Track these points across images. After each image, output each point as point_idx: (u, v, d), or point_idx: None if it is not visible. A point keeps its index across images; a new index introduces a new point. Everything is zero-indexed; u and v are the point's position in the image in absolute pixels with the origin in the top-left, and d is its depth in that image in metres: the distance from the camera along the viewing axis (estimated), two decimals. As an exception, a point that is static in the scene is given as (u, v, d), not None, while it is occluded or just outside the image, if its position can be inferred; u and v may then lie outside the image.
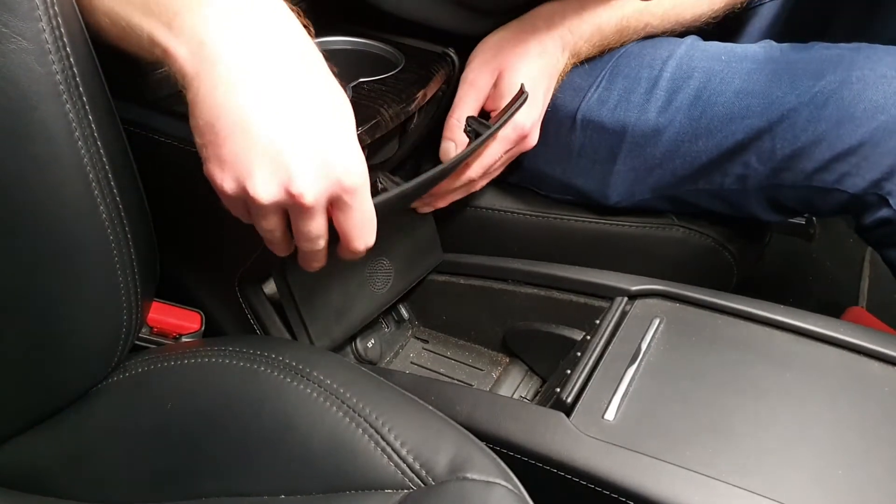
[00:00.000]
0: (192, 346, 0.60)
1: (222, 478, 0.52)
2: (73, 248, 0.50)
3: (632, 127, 0.77)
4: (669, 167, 0.77)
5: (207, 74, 0.46)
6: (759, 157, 0.72)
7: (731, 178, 0.75)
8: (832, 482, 0.54)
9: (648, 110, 0.76)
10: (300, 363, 0.55)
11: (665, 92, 0.76)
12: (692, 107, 0.75)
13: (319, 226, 0.51)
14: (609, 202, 0.81)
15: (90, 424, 0.57)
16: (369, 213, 0.52)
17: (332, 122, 0.49)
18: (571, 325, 0.77)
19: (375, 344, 0.80)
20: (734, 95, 0.73)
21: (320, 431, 0.51)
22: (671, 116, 0.75)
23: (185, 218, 0.67)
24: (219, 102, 0.46)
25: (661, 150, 0.77)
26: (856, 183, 0.69)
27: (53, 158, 0.46)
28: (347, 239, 0.52)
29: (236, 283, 0.69)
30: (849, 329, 0.65)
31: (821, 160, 0.69)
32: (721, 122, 0.73)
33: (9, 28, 0.42)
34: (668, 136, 0.76)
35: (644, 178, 0.79)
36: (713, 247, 0.83)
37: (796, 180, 0.72)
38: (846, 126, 0.68)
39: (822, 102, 0.69)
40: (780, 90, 0.71)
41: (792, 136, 0.70)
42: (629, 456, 0.56)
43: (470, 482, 0.48)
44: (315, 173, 0.47)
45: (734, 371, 0.63)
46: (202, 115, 0.47)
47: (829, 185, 0.70)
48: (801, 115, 0.70)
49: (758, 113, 0.71)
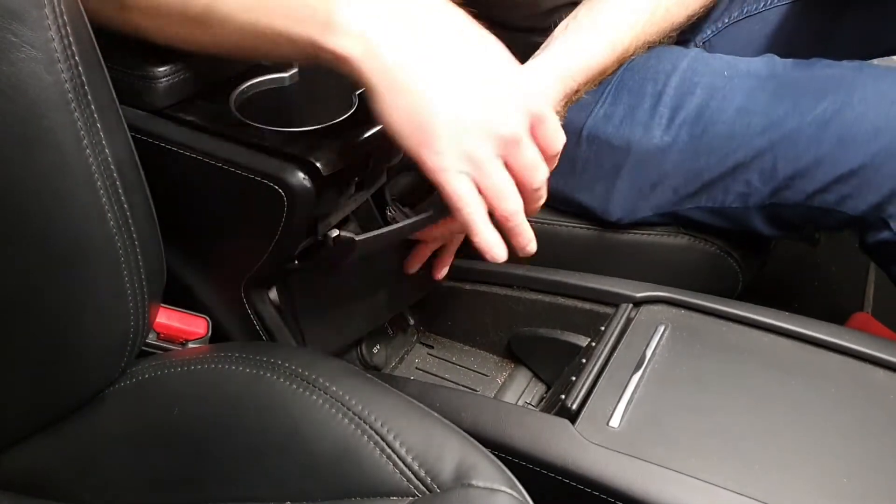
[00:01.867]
0: (198, 352, 0.61)
1: (228, 484, 0.52)
2: (81, 255, 0.50)
3: (636, 143, 0.76)
4: (671, 184, 0.77)
5: (384, 70, 0.50)
6: (761, 175, 0.72)
7: (733, 195, 0.75)
8: (837, 490, 0.54)
9: (653, 127, 0.76)
10: (306, 370, 0.55)
11: (669, 109, 0.76)
12: (694, 124, 0.75)
13: (536, 153, 0.56)
14: (611, 219, 0.81)
15: (97, 430, 0.57)
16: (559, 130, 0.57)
17: (502, 67, 0.54)
18: (576, 332, 0.77)
19: (381, 350, 0.80)
20: (736, 113, 0.73)
21: (326, 438, 0.52)
22: (674, 134, 0.75)
23: (191, 224, 0.67)
24: (411, 90, 0.51)
25: (663, 167, 0.77)
26: (857, 205, 0.69)
27: (62, 166, 0.47)
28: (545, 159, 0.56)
29: (242, 290, 0.69)
30: (854, 336, 0.65)
31: (822, 181, 0.69)
32: (723, 140, 0.73)
33: (18, 37, 0.43)
34: (672, 153, 0.76)
35: (646, 194, 0.79)
36: (718, 254, 0.83)
37: (797, 199, 0.72)
38: (847, 148, 0.68)
39: (823, 123, 0.69)
40: (782, 109, 0.71)
41: (793, 156, 0.70)
42: (634, 463, 0.56)
43: (475, 489, 0.48)
44: (514, 112, 0.53)
45: (739, 378, 0.63)
46: (399, 112, 0.51)
47: (830, 205, 0.70)
48: (802, 135, 0.69)
49: (759, 132, 0.71)
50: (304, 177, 0.58)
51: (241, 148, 0.60)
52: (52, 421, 0.56)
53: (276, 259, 0.65)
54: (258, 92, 0.67)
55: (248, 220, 0.64)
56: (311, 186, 0.58)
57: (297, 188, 0.58)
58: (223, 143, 0.61)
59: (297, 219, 0.60)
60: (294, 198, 0.58)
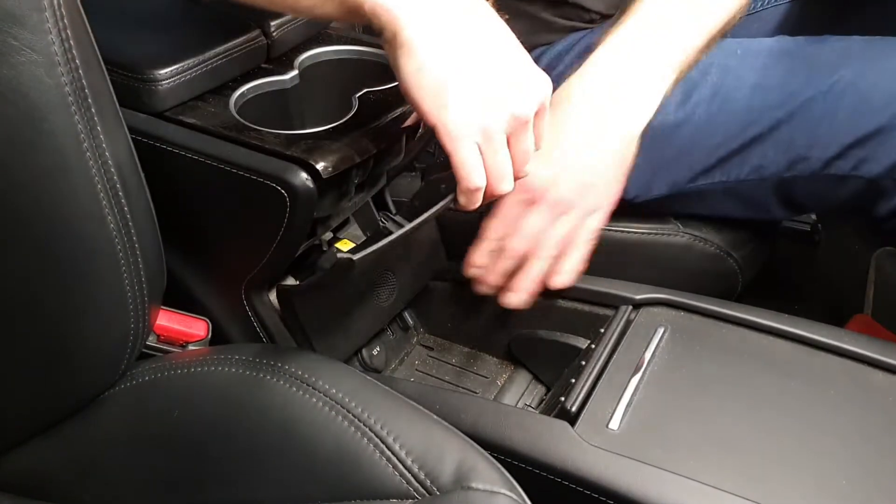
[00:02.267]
0: (198, 354, 0.61)
1: (228, 486, 0.52)
2: (81, 257, 0.50)
3: (651, 122, 0.75)
4: (687, 161, 0.77)
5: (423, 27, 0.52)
6: (776, 147, 0.73)
7: (748, 168, 0.75)
8: (836, 492, 0.54)
9: (667, 105, 0.74)
10: (305, 372, 0.55)
11: (682, 88, 0.75)
12: (710, 102, 0.75)
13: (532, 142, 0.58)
14: (627, 196, 0.79)
15: (97, 432, 0.57)
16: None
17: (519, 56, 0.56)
18: (576, 334, 0.77)
19: (381, 352, 0.80)
20: (751, 90, 0.73)
21: (325, 440, 0.52)
22: (690, 111, 0.76)
23: (192, 226, 0.67)
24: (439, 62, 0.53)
25: (679, 144, 0.77)
26: (872, 168, 0.69)
27: (62, 169, 0.47)
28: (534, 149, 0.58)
29: (243, 292, 0.69)
30: (853, 338, 0.65)
31: (838, 147, 0.70)
32: (739, 115, 0.74)
33: (19, 41, 0.43)
34: (687, 131, 0.76)
35: (662, 171, 0.79)
36: (718, 254, 0.83)
37: (813, 169, 0.72)
38: (863, 114, 0.68)
39: (839, 93, 0.69)
40: (797, 82, 0.72)
41: (809, 126, 0.70)
42: (633, 465, 0.56)
43: (474, 492, 0.48)
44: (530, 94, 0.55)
45: (738, 380, 0.63)
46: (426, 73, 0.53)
47: (846, 171, 0.70)
48: (818, 106, 0.70)
49: (776, 105, 0.72)
50: (307, 177, 0.58)
51: (242, 149, 0.60)
52: (53, 423, 0.57)
53: (277, 261, 0.65)
54: (258, 95, 0.67)
55: (250, 221, 0.64)
56: (314, 186, 0.59)
57: (300, 188, 0.58)
58: (224, 144, 0.61)
59: (299, 219, 0.60)
60: (296, 198, 0.59)
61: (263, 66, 0.70)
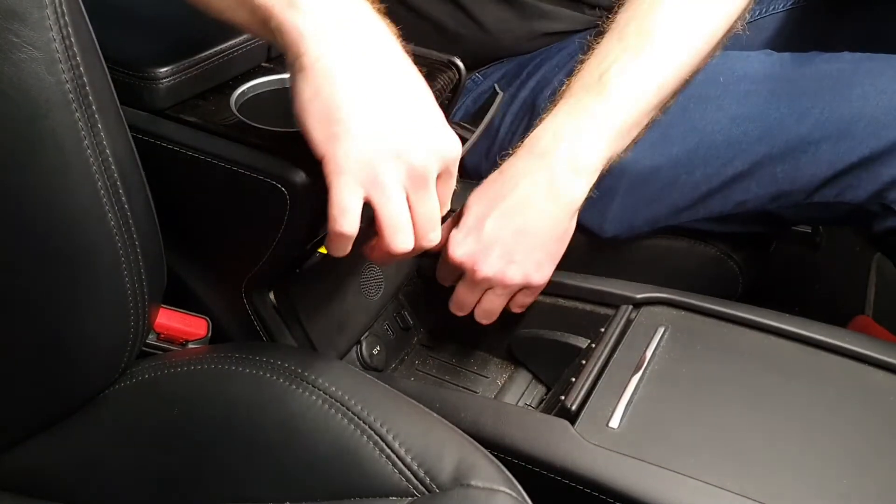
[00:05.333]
0: (198, 352, 0.61)
1: (228, 484, 0.52)
2: (82, 255, 0.50)
3: (630, 165, 0.74)
4: (668, 200, 0.76)
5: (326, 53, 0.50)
6: (759, 183, 0.72)
7: (732, 204, 0.74)
8: (837, 491, 0.54)
9: (644, 147, 0.73)
10: (305, 370, 0.55)
11: (659, 127, 0.73)
12: (687, 138, 0.73)
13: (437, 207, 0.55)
14: (606, 235, 0.80)
15: (97, 430, 0.57)
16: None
17: (431, 112, 0.54)
18: (576, 333, 0.77)
19: (381, 351, 0.80)
20: (731, 122, 0.72)
21: (325, 438, 0.52)
22: (667, 150, 0.74)
23: (192, 224, 0.67)
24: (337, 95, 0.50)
25: (659, 185, 0.75)
26: (857, 195, 0.69)
27: (63, 166, 0.47)
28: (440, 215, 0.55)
29: (243, 290, 0.69)
30: (854, 338, 0.65)
31: (822, 178, 0.69)
32: (719, 151, 0.72)
33: (20, 38, 0.43)
34: (666, 170, 0.75)
35: (642, 211, 0.78)
36: (719, 256, 0.83)
37: (797, 200, 0.71)
38: (847, 144, 0.68)
39: (821, 123, 0.68)
40: (779, 112, 0.70)
41: (792, 160, 0.70)
42: (633, 464, 0.56)
43: (474, 489, 0.48)
44: (430, 150, 0.52)
45: (739, 380, 0.63)
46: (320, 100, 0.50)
47: (831, 199, 0.70)
48: (800, 139, 0.69)
49: (756, 139, 0.71)
50: (307, 175, 0.58)
51: (242, 147, 0.60)
52: (53, 421, 0.57)
53: (277, 259, 0.65)
54: (259, 93, 0.68)
55: (250, 219, 0.64)
56: (314, 184, 0.59)
57: (300, 186, 0.58)
58: (225, 142, 0.61)
59: (299, 217, 0.60)
60: (297, 195, 0.59)
61: (264, 64, 0.70)
